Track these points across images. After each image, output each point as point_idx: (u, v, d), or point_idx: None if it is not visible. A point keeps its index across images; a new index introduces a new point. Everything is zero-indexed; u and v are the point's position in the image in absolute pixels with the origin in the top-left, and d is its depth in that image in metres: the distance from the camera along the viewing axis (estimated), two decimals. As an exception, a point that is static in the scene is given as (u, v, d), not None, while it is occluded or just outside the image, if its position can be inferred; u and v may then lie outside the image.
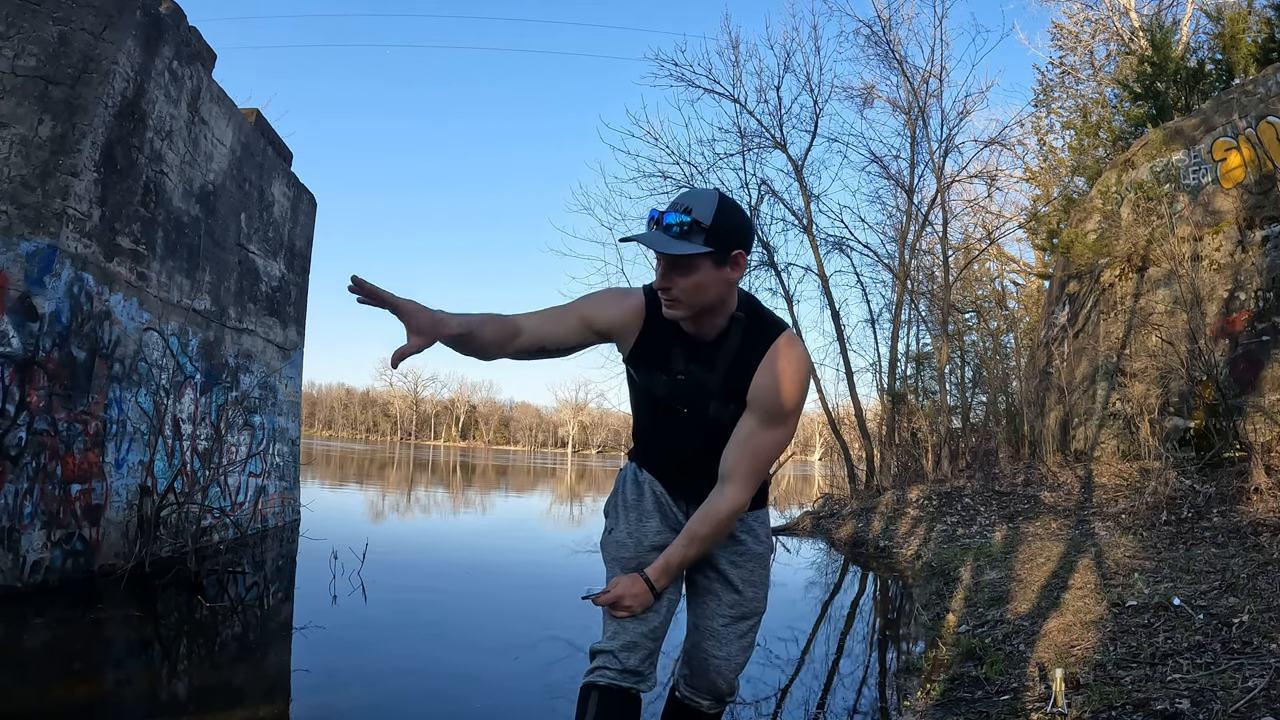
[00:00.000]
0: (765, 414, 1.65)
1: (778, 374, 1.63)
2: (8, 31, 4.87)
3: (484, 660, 4.00)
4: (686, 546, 1.69)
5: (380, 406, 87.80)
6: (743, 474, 1.66)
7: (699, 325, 1.64)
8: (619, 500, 1.87)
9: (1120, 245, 8.70)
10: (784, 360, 1.64)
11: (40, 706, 2.93)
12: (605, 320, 1.69)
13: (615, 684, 1.66)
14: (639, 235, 1.56)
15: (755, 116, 12.88)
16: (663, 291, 1.57)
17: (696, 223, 1.51)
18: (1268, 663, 2.68)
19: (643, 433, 1.89)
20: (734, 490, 1.66)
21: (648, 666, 1.70)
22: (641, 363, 1.73)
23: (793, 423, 1.68)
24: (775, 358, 1.64)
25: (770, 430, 1.65)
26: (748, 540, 1.83)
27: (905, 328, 13.61)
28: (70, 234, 4.84)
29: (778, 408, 1.64)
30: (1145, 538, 5.24)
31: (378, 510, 12.10)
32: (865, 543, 8.85)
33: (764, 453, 1.67)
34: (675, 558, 1.70)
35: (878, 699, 3.62)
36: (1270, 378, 6.73)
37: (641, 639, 1.69)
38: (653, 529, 1.80)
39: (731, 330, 1.65)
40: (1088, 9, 14.57)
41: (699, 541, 1.69)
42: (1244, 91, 7.71)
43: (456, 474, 25.86)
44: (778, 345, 1.65)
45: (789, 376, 1.63)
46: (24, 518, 4.50)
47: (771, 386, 1.63)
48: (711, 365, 1.67)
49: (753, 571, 1.83)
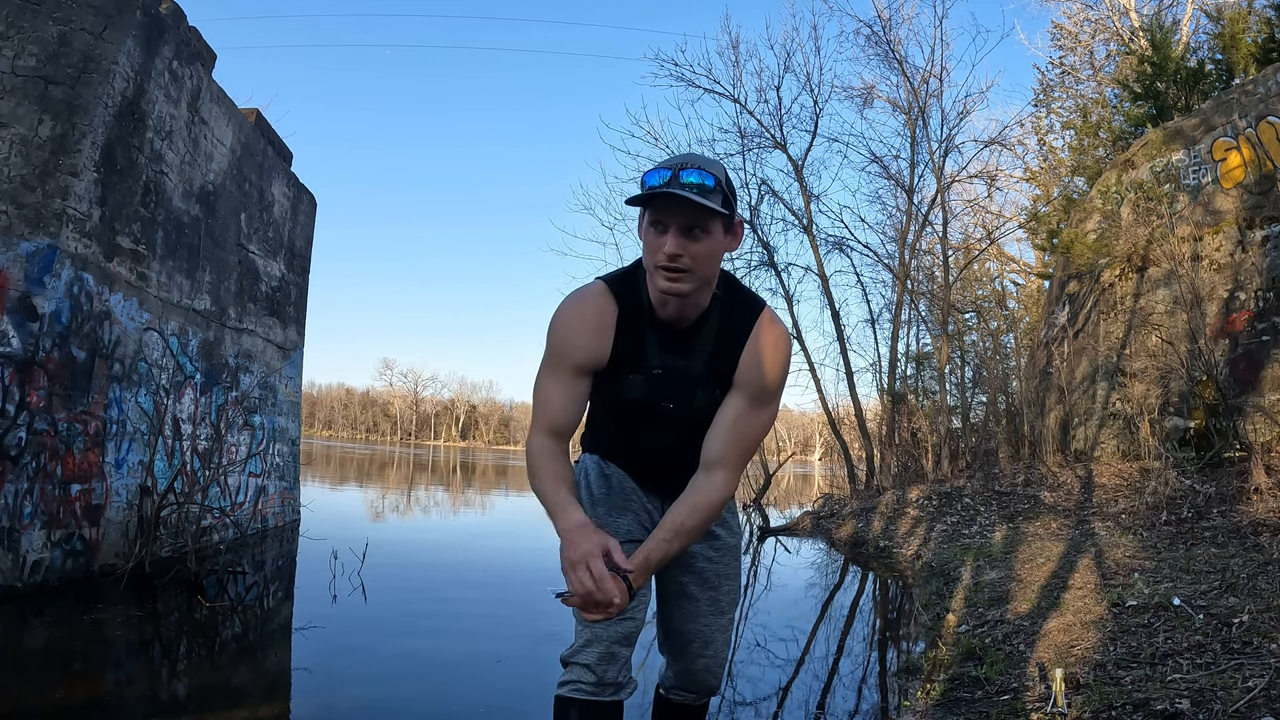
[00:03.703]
0: (753, 395, 1.56)
1: (763, 352, 1.55)
2: (8, 31, 4.87)
3: (484, 660, 3.99)
4: (670, 541, 1.51)
5: (380, 406, 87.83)
6: (733, 459, 1.56)
7: (683, 308, 1.50)
8: (583, 495, 1.69)
9: (1120, 245, 8.70)
10: (768, 338, 1.55)
11: (40, 706, 2.93)
12: (587, 353, 1.54)
13: (594, 698, 1.54)
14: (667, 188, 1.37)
15: (755, 116, 12.89)
16: (672, 260, 1.41)
17: (718, 182, 1.41)
18: (1268, 663, 2.68)
19: (610, 433, 1.74)
20: (724, 477, 1.55)
21: (625, 675, 1.60)
22: (616, 370, 1.56)
23: (777, 402, 1.61)
24: (759, 336, 1.55)
25: (758, 412, 1.57)
26: (722, 534, 1.76)
27: (905, 328, 13.62)
28: (70, 234, 4.84)
29: (765, 388, 1.56)
30: (1145, 538, 5.24)
31: (378, 510, 12.10)
32: (865, 543, 8.84)
33: (754, 435, 1.59)
34: (656, 554, 1.51)
35: (878, 699, 3.62)
36: (1270, 378, 6.73)
37: (618, 648, 1.57)
38: (624, 526, 1.67)
39: (711, 311, 1.53)
40: (1088, 9, 14.58)
41: (685, 535, 1.53)
42: (1244, 91, 7.71)
43: (456, 474, 25.85)
44: (761, 323, 1.56)
45: (776, 355, 1.56)
46: (24, 518, 4.50)
47: (759, 366, 1.55)
48: (689, 353, 1.55)
49: (728, 564, 1.77)
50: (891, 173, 13.62)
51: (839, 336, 12.99)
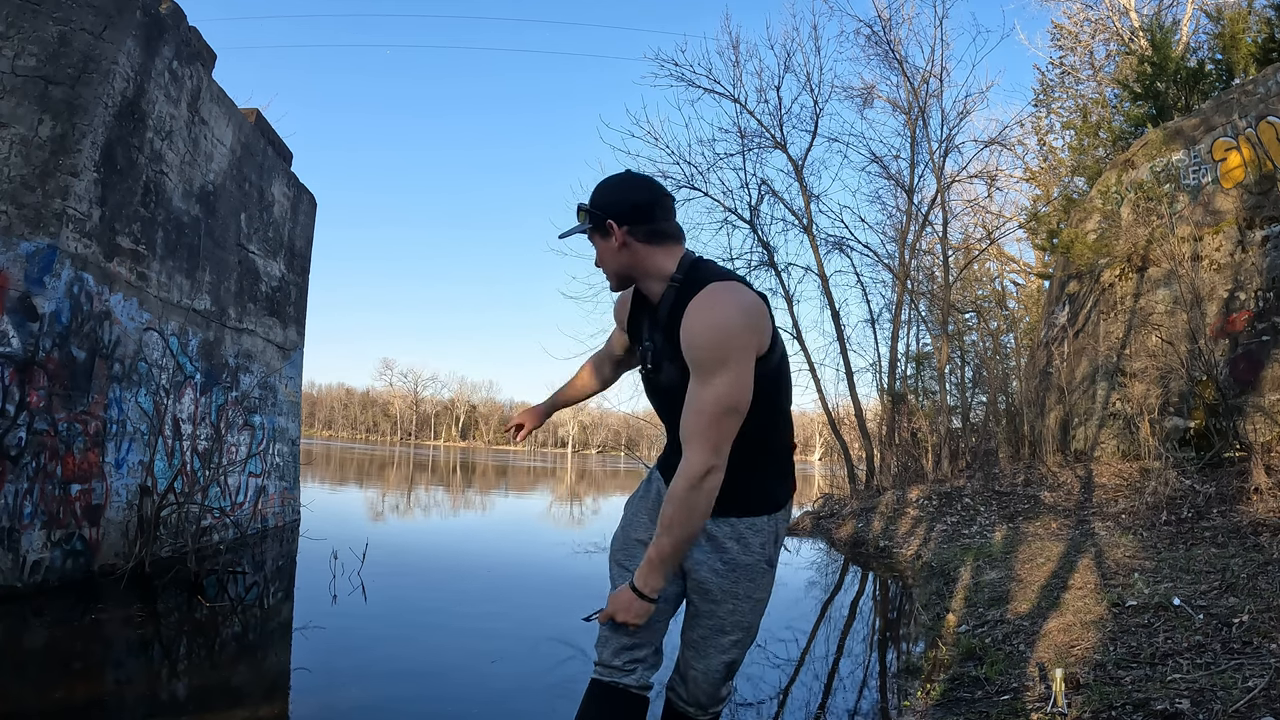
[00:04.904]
0: (692, 364, 1.58)
1: (689, 321, 1.59)
2: (8, 31, 4.87)
3: (484, 660, 3.99)
4: (660, 536, 1.60)
5: (380, 406, 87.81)
6: (688, 433, 1.57)
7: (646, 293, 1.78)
8: (633, 497, 1.92)
9: (1120, 245, 8.70)
10: (695, 306, 1.59)
11: (40, 706, 2.93)
12: (619, 317, 1.99)
13: (602, 678, 1.71)
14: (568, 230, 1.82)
15: (755, 116, 12.89)
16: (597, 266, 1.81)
17: (581, 207, 1.77)
18: (1268, 663, 2.68)
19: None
20: (689, 453, 1.56)
21: (625, 660, 1.71)
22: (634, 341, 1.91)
23: (722, 375, 1.54)
24: (690, 310, 1.60)
25: (702, 384, 1.56)
26: (733, 548, 1.71)
27: (905, 328, 13.63)
28: (70, 234, 4.84)
29: (696, 356, 1.57)
30: (1145, 538, 5.24)
31: (377, 510, 12.10)
32: (865, 543, 8.85)
33: (700, 406, 1.56)
34: (653, 552, 1.60)
35: (878, 699, 3.62)
36: (1270, 378, 6.73)
37: (611, 635, 1.72)
38: (643, 523, 1.81)
39: (666, 293, 1.73)
40: (1088, 9, 14.59)
41: (668, 526, 1.57)
42: (1244, 91, 7.71)
43: (456, 474, 25.85)
44: (696, 298, 1.60)
45: (700, 322, 1.57)
46: (24, 518, 4.50)
47: (687, 333, 1.59)
48: (655, 328, 1.76)
49: (736, 583, 1.71)
50: (891, 173, 13.63)
51: (839, 336, 13.00)
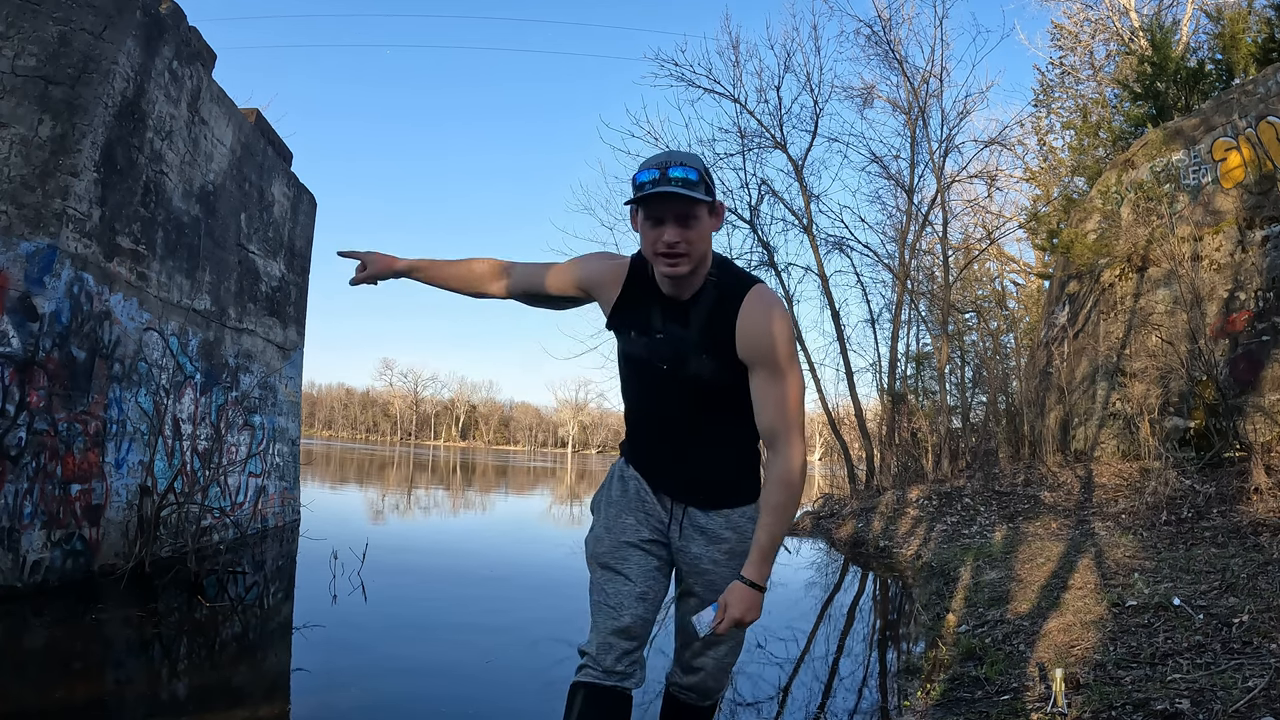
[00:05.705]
0: (765, 364, 1.66)
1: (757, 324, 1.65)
2: (8, 31, 4.87)
3: (483, 660, 4.00)
4: (772, 526, 1.65)
5: (380, 406, 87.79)
6: (783, 427, 1.65)
7: (680, 286, 1.68)
8: (602, 496, 1.89)
9: (1120, 245, 8.70)
10: (758, 309, 1.66)
11: (40, 706, 2.93)
12: (590, 274, 1.83)
13: (600, 682, 1.68)
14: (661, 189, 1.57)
15: (755, 116, 12.89)
16: (671, 247, 1.60)
17: (700, 174, 1.60)
18: (1268, 663, 2.68)
19: (629, 406, 1.90)
20: (787, 445, 1.65)
21: (628, 664, 1.69)
22: (623, 326, 1.80)
23: (796, 367, 1.69)
24: (750, 311, 1.66)
25: (780, 379, 1.66)
26: (730, 537, 1.79)
27: (905, 328, 13.63)
28: (70, 234, 4.84)
29: (771, 355, 1.65)
30: (1145, 538, 5.24)
31: (378, 510, 12.10)
32: (865, 543, 8.84)
33: (788, 401, 1.67)
34: (764, 539, 1.65)
35: (878, 699, 3.62)
36: (1270, 378, 6.73)
37: (614, 639, 1.70)
38: (630, 525, 1.80)
39: (706, 288, 1.69)
40: (1088, 9, 14.58)
41: (773, 510, 1.65)
42: (1244, 91, 7.71)
43: (456, 474, 25.85)
44: (749, 297, 1.67)
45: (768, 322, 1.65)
46: (24, 518, 4.50)
47: (757, 337, 1.65)
48: (688, 322, 1.71)
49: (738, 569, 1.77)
50: (891, 173, 13.63)
51: (839, 336, 13.01)
